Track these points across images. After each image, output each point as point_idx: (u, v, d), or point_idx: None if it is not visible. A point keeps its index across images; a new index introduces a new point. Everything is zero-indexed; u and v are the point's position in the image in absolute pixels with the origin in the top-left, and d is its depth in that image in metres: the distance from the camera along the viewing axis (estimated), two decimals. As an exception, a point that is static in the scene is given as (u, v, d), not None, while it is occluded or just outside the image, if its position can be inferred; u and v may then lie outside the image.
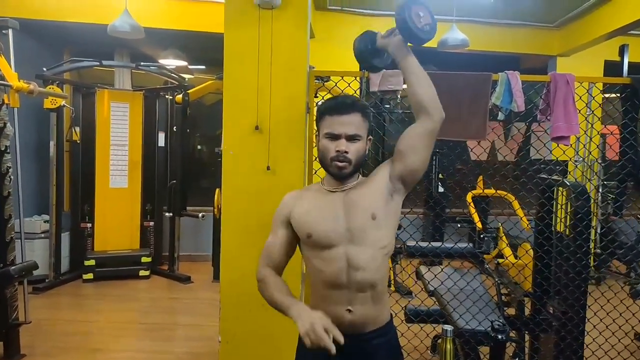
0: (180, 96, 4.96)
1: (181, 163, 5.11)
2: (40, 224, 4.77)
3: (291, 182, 2.21)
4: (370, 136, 1.51)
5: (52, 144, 4.64)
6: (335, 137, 1.44)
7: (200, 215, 4.98)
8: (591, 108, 2.69)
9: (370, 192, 1.48)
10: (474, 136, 2.38)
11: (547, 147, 2.53)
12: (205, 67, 6.45)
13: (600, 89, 3.05)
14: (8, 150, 3.04)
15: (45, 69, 4.52)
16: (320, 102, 1.62)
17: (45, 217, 4.84)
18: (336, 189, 1.49)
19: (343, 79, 2.42)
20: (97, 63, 4.80)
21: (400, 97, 2.38)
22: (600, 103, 4.01)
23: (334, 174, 1.47)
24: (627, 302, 2.80)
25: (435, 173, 5.24)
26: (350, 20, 5.21)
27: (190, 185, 5.54)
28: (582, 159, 4.51)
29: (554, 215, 2.66)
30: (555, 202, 2.66)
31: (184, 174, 5.11)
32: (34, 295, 4.36)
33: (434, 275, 2.88)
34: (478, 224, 4.81)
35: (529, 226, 4.24)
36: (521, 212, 4.55)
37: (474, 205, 5.00)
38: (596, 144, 4.99)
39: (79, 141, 5.07)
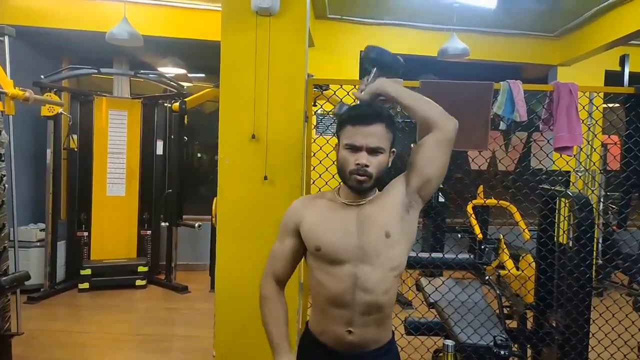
0: (177, 104, 4.93)
1: (177, 172, 5.07)
2: (36, 233, 4.71)
3: (288, 193, 2.16)
4: (394, 148, 1.42)
5: (49, 151, 4.60)
6: (356, 149, 1.35)
7: (196, 225, 4.92)
8: (594, 118, 2.64)
9: (385, 208, 1.41)
10: (475, 146, 2.34)
11: (550, 158, 2.49)
12: (204, 75, 6.43)
13: (602, 98, 3.02)
14: (2, 158, 2.99)
15: (43, 76, 4.49)
16: (344, 109, 1.51)
17: (42, 225, 4.78)
18: (352, 202, 1.42)
19: (342, 87, 2.38)
20: (95, 71, 4.78)
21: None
22: (603, 113, 3.97)
23: (353, 187, 1.38)
24: (630, 314, 2.74)
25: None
26: (350, 30, 5.19)
27: (189, 193, 5.50)
28: (586, 169, 4.47)
29: (557, 226, 2.61)
30: (557, 214, 2.61)
31: (180, 182, 5.06)
32: (29, 305, 4.30)
33: (434, 287, 2.83)
34: (479, 235, 4.76)
35: (529, 237, 4.18)
36: (523, 224, 4.49)
37: (474, 216, 4.95)
38: (599, 155, 4.96)
39: (76, 149, 5.02)
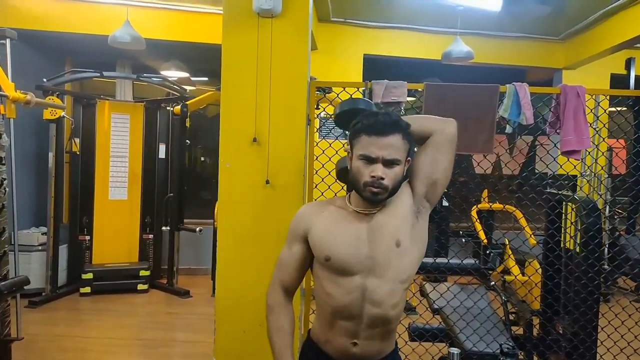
0: (179, 107, 4.90)
1: (178, 176, 5.04)
2: (37, 236, 4.69)
3: (290, 197, 2.13)
4: (410, 157, 1.37)
5: (51, 155, 4.58)
6: (371, 160, 1.30)
7: (197, 229, 4.89)
8: (602, 121, 2.60)
9: (396, 216, 1.37)
10: (480, 150, 2.29)
11: (556, 161, 2.45)
12: (207, 78, 6.42)
13: (608, 102, 2.97)
14: (3, 162, 2.97)
15: (45, 79, 4.48)
16: (357, 122, 1.38)
17: (43, 229, 4.76)
18: (363, 211, 1.38)
19: (345, 89, 2.34)
20: (98, 74, 4.76)
21: (404, 110, 2.30)
22: (611, 116, 3.92)
23: (367, 198, 1.33)
24: (636, 318, 2.68)
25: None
26: (353, 33, 5.16)
27: (192, 197, 5.47)
28: (594, 173, 4.41)
29: (564, 232, 2.57)
30: (564, 219, 2.56)
31: (180, 186, 5.03)
32: (30, 310, 4.27)
33: (439, 294, 2.79)
34: (484, 240, 4.70)
35: (536, 242, 4.13)
36: (529, 229, 4.44)
37: (479, 220, 4.90)
38: (607, 158, 4.90)
39: (78, 152, 5.01)
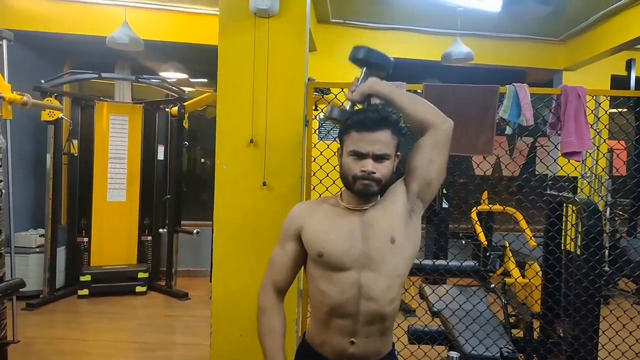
0: (176, 108, 4.88)
1: (176, 177, 5.02)
2: (35, 238, 4.67)
3: (287, 199, 2.10)
4: (399, 152, 1.38)
5: (49, 156, 4.56)
6: (361, 156, 1.31)
7: (194, 231, 4.87)
8: (603, 122, 2.57)
9: (389, 213, 1.36)
10: (480, 151, 2.28)
11: (557, 163, 2.43)
12: (206, 80, 6.41)
13: (609, 103, 2.94)
14: (0, 163, 2.95)
15: (43, 81, 4.46)
16: (334, 113, 1.49)
17: (41, 231, 4.73)
18: (355, 208, 1.37)
19: (343, 90, 2.32)
20: (96, 75, 4.74)
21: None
22: (612, 117, 3.90)
23: (359, 191, 1.34)
24: (638, 321, 2.65)
25: (440, 188, 5.12)
26: (352, 34, 5.13)
27: (190, 199, 5.45)
28: (594, 175, 4.38)
29: (564, 234, 2.54)
30: (565, 221, 2.54)
31: (178, 188, 5.00)
32: (27, 312, 4.25)
33: (438, 297, 2.76)
34: (483, 242, 4.67)
35: (536, 244, 4.10)
36: (529, 231, 4.41)
37: (479, 222, 4.87)
38: (609, 160, 4.87)
39: (76, 154, 4.99)
